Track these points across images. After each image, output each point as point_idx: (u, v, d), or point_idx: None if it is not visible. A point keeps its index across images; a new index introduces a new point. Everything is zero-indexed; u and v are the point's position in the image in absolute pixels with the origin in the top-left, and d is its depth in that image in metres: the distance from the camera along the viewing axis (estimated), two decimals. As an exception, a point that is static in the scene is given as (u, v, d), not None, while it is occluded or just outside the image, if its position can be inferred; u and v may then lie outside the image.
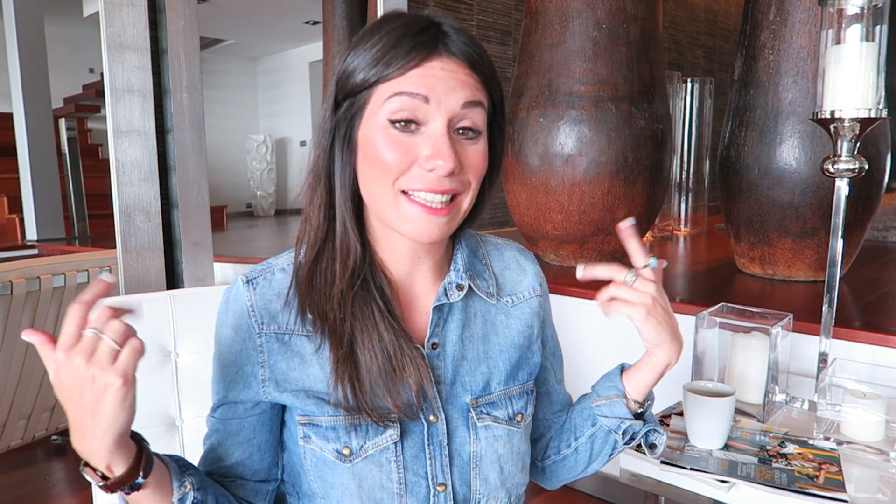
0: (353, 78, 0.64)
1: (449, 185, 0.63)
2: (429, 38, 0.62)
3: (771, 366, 1.19)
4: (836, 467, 1.00)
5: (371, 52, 0.62)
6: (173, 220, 1.65)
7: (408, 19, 0.64)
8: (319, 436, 0.67)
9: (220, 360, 0.70)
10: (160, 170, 1.55)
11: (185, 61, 1.62)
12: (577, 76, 2.20)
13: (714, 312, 1.29)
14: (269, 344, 0.67)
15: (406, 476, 0.67)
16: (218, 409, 0.71)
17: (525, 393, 0.76)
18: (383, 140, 0.62)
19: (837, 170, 1.17)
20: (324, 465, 0.68)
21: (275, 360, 0.67)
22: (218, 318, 0.70)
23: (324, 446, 0.67)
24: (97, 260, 2.24)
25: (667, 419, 1.21)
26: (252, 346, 0.67)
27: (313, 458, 0.68)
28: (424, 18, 0.64)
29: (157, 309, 0.96)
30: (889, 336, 1.43)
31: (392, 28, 0.63)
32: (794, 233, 1.98)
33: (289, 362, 0.67)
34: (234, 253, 3.41)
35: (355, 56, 0.64)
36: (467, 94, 0.63)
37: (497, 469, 0.72)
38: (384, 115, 0.62)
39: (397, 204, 0.63)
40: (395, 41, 0.62)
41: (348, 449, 0.66)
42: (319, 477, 0.69)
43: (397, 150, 0.62)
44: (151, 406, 0.94)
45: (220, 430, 0.71)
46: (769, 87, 1.98)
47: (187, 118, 1.63)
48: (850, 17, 1.13)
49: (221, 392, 0.70)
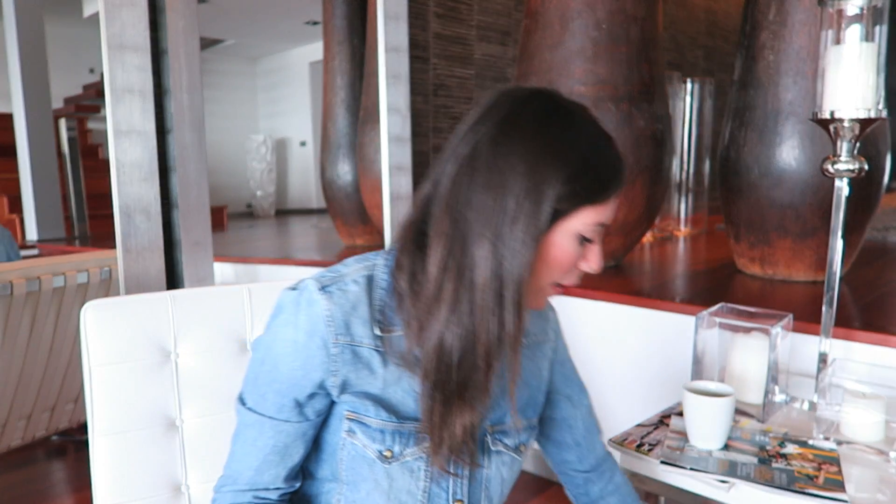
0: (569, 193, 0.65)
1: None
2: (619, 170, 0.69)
3: (771, 366, 1.19)
4: (835, 467, 1.00)
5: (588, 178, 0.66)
6: (173, 220, 1.65)
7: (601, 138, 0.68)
8: (366, 435, 0.71)
9: (281, 361, 0.70)
10: (160, 170, 1.55)
11: (185, 61, 1.61)
12: (577, 76, 2.20)
13: (714, 312, 1.29)
14: (343, 354, 0.69)
15: (431, 486, 0.73)
16: (270, 409, 0.71)
17: (530, 427, 0.83)
18: (569, 249, 0.68)
19: (837, 170, 1.17)
20: (361, 460, 0.72)
21: (347, 369, 0.69)
22: (282, 317, 0.70)
23: (368, 445, 0.71)
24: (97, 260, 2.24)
25: (667, 419, 1.21)
26: (326, 355, 0.68)
27: (352, 452, 0.72)
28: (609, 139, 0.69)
29: (157, 309, 0.96)
30: (889, 336, 1.43)
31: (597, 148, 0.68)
32: (794, 233, 1.98)
33: (358, 373, 0.70)
34: (234, 253, 3.41)
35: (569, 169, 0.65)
36: None
37: (499, 492, 0.79)
38: (578, 230, 0.67)
39: (544, 290, 0.71)
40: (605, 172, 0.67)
41: (390, 452, 0.71)
42: (352, 469, 0.72)
43: (574, 257, 0.69)
44: (151, 406, 0.94)
45: (282, 431, 0.72)
46: (769, 87, 1.98)
47: (187, 118, 1.63)
48: (849, 18, 1.13)
49: (273, 392, 0.71)
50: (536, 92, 0.69)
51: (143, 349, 0.93)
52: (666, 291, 2.02)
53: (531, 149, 0.65)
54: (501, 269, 0.65)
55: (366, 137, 3.13)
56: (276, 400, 0.71)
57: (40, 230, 4.31)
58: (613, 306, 1.91)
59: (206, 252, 1.70)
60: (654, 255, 2.96)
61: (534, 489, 1.99)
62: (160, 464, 0.93)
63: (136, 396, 0.92)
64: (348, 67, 3.48)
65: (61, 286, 2.09)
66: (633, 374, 1.87)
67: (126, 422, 0.91)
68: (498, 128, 0.66)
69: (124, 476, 0.90)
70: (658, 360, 1.83)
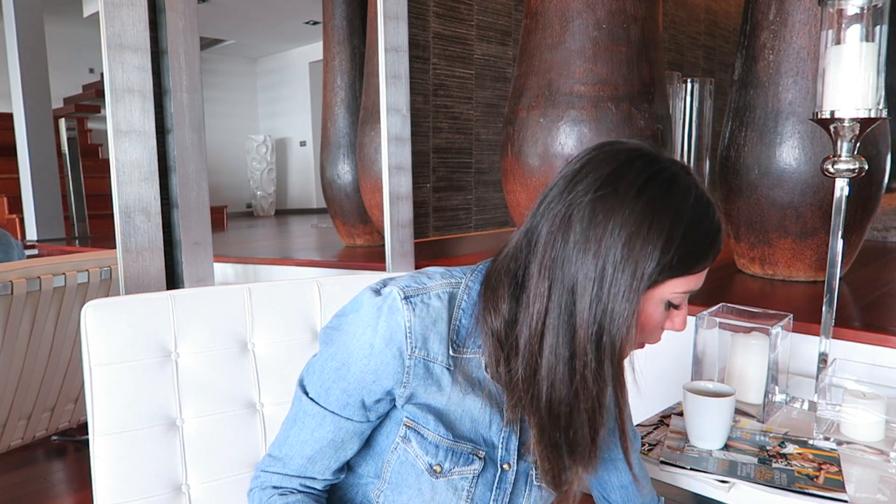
0: (664, 264, 0.65)
1: None
2: (714, 248, 0.69)
3: (771, 366, 1.19)
4: (835, 467, 1.00)
5: (682, 252, 0.66)
6: (173, 220, 1.65)
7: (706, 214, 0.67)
8: (420, 446, 0.72)
9: (354, 362, 0.70)
10: (160, 170, 1.55)
11: (185, 61, 1.61)
12: (577, 76, 2.20)
13: (714, 312, 1.29)
14: (416, 368, 0.69)
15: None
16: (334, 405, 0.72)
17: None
18: (656, 315, 0.70)
19: (837, 170, 1.17)
20: (409, 467, 0.73)
21: (417, 383, 0.70)
22: (362, 319, 0.70)
23: (420, 455, 0.72)
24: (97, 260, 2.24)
25: (667, 419, 1.21)
26: (400, 365, 0.69)
27: (403, 457, 0.73)
28: (711, 212, 0.68)
29: (157, 309, 0.96)
30: (889, 336, 1.43)
31: (700, 225, 0.67)
32: (794, 233, 1.98)
33: (427, 388, 0.70)
34: (234, 253, 3.41)
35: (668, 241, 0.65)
36: None
37: None
38: (667, 297, 0.69)
39: (632, 346, 0.70)
40: (700, 248, 0.67)
41: (440, 467, 0.72)
42: (399, 473, 0.74)
43: (660, 320, 0.71)
44: (151, 406, 0.94)
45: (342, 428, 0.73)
46: (769, 87, 1.98)
47: (187, 118, 1.63)
48: (850, 18, 1.13)
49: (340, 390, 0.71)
50: (636, 152, 0.68)
51: (143, 349, 0.93)
52: (666, 291, 2.02)
53: (630, 217, 0.64)
54: (601, 335, 0.65)
55: (366, 137, 3.13)
56: (341, 398, 0.71)
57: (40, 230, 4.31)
58: (613, 306, 1.91)
59: (206, 252, 1.70)
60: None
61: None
62: (160, 464, 0.93)
63: (136, 396, 0.92)
64: (348, 67, 3.48)
65: (61, 286, 2.09)
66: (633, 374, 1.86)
67: (126, 422, 0.91)
68: (596, 190, 0.65)
69: (125, 476, 0.90)
70: (658, 360, 1.83)
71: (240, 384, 1.01)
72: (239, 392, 1.01)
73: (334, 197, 3.50)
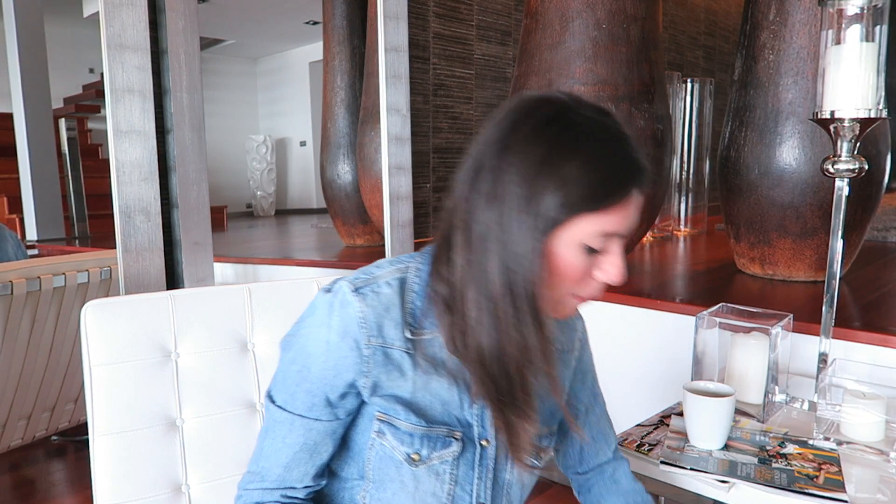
0: (563, 201, 0.63)
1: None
2: (628, 175, 0.65)
3: (771, 366, 1.19)
4: (835, 467, 1.00)
5: (582, 184, 0.63)
6: (173, 220, 1.65)
7: (606, 138, 0.65)
8: (395, 437, 0.72)
9: (313, 361, 0.70)
10: (160, 170, 1.55)
11: (185, 61, 1.62)
12: (577, 76, 2.20)
13: (714, 312, 1.29)
14: (375, 356, 0.69)
15: (455, 490, 0.74)
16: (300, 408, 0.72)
17: (551, 434, 0.84)
18: (574, 260, 0.66)
19: (837, 170, 1.17)
20: (388, 461, 0.72)
21: (378, 371, 0.70)
22: (315, 318, 0.71)
23: (396, 447, 0.72)
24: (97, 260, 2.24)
25: (667, 419, 1.21)
26: (358, 356, 0.69)
27: (380, 452, 0.73)
28: (618, 136, 0.65)
29: (157, 309, 0.96)
30: (889, 336, 1.43)
31: (596, 154, 0.64)
32: (794, 233, 1.98)
33: (389, 374, 0.70)
34: (234, 253, 3.41)
35: (564, 175, 0.63)
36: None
37: (519, 496, 0.82)
38: (582, 239, 0.65)
39: (564, 299, 0.69)
40: (603, 177, 0.63)
41: (418, 455, 0.72)
42: (380, 468, 0.73)
43: (584, 268, 0.67)
44: (151, 406, 0.94)
45: (312, 430, 0.72)
46: (769, 87, 1.98)
47: (187, 118, 1.63)
48: (850, 18, 1.13)
49: (304, 392, 0.71)
50: (544, 98, 0.66)
51: (143, 349, 0.93)
52: (666, 291, 2.02)
53: (527, 158, 0.63)
54: (512, 282, 0.65)
55: (366, 137, 3.13)
56: (307, 399, 0.71)
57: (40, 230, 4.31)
58: (613, 306, 1.91)
59: (206, 252, 1.70)
60: (654, 255, 2.96)
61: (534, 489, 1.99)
62: (160, 464, 0.93)
63: (136, 396, 0.92)
64: (348, 67, 3.48)
65: (61, 286, 2.09)
66: (633, 374, 1.87)
67: (126, 422, 0.91)
68: (500, 139, 0.65)
69: (125, 476, 0.90)
70: (658, 360, 1.83)
71: (240, 384, 1.01)
72: (239, 392, 1.01)
73: (334, 197, 3.50)
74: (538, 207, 0.63)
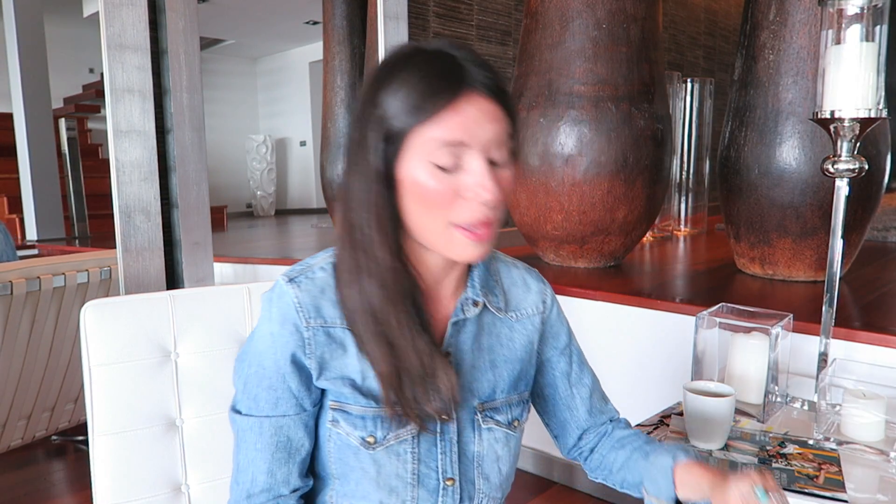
0: (389, 122, 0.66)
1: (491, 213, 0.67)
2: (453, 77, 0.65)
3: (771, 366, 1.19)
4: (836, 467, 1.00)
5: (401, 97, 0.65)
6: (173, 220, 1.65)
7: (427, 56, 0.66)
8: (348, 422, 0.72)
9: (264, 356, 0.72)
10: (160, 170, 1.55)
11: (185, 61, 1.61)
12: (577, 76, 2.20)
13: (714, 312, 1.29)
14: (317, 336, 0.71)
15: (419, 468, 0.73)
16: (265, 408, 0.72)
17: (522, 402, 0.82)
18: (430, 180, 0.65)
19: (837, 170, 1.17)
20: (347, 449, 0.72)
21: (321, 351, 0.71)
22: (261, 317, 0.73)
23: (350, 432, 0.72)
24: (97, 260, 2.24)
25: (667, 419, 1.21)
26: (300, 339, 0.70)
27: (338, 442, 0.73)
28: (441, 54, 0.67)
29: (157, 309, 0.96)
30: (889, 336, 1.43)
31: (415, 69, 0.65)
32: (794, 233, 1.98)
33: (332, 352, 0.71)
34: (234, 253, 3.41)
35: (385, 98, 0.66)
36: (497, 128, 0.66)
37: (496, 469, 0.78)
38: (426, 158, 0.65)
39: (448, 233, 0.68)
40: (424, 85, 0.64)
41: (373, 438, 0.71)
42: (340, 459, 0.73)
43: (444, 190, 0.65)
44: (151, 406, 0.94)
45: (282, 427, 0.72)
46: (769, 87, 1.98)
47: (187, 118, 1.63)
48: (850, 17, 1.13)
49: (265, 389, 0.72)
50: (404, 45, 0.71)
51: (143, 349, 0.93)
52: (666, 291, 2.02)
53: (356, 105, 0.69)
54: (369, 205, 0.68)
55: (366, 137, 3.13)
56: (269, 396, 0.72)
57: (40, 230, 4.31)
58: (613, 306, 1.91)
59: (206, 252, 1.70)
60: (654, 255, 2.96)
61: (534, 489, 1.99)
62: (160, 464, 0.93)
63: (136, 396, 0.92)
64: (348, 67, 3.48)
65: (61, 286, 2.09)
66: (633, 374, 1.87)
67: (126, 422, 0.91)
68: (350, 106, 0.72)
69: (124, 476, 0.91)
70: (658, 361, 1.83)
71: (240, 384, 1.01)
72: (239, 392, 1.00)
73: (334, 197, 3.50)
74: (368, 142, 0.66)
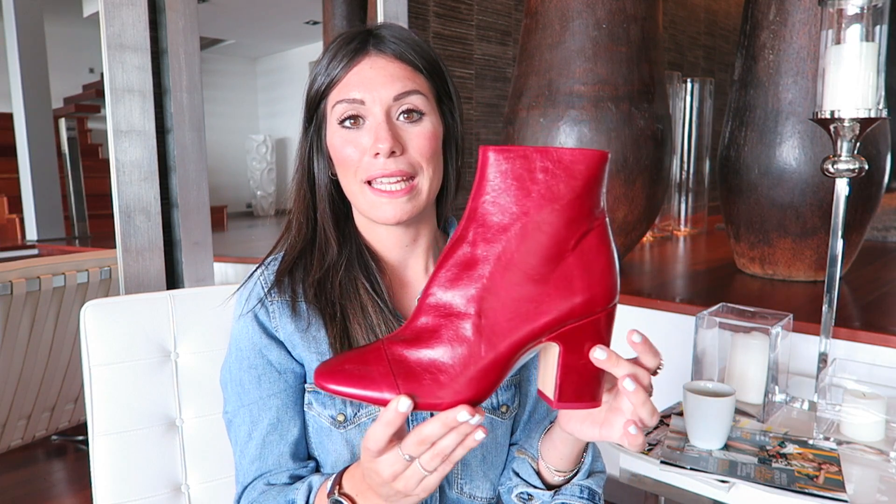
0: (311, 94, 0.73)
1: (396, 166, 0.69)
2: (358, 44, 0.71)
3: (771, 366, 1.19)
4: (835, 467, 1.00)
5: (318, 69, 0.72)
6: (173, 220, 1.65)
7: (346, 34, 0.73)
8: (319, 402, 0.73)
9: (241, 339, 0.74)
10: (160, 170, 1.55)
11: (185, 61, 1.61)
12: (577, 76, 2.20)
13: (714, 312, 1.29)
14: (282, 309, 0.73)
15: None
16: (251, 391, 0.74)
17: (512, 385, 0.78)
18: (339, 140, 0.71)
19: (837, 170, 1.17)
20: (321, 432, 0.73)
21: (285, 322, 0.72)
22: (234, 310, 0.77)
23: (321, 412, 0.73)
24: (97, 260, 2.24)
25: (667, 419, 1.21)
26: (266, 313, 0.73)
27: (314, 425, 0.74)
28: (358, 29, 0.73)
29: (157, 309, 0.96)
30: (889, 336, 1.43)
31: (333, 45, 0.73)
32: (794, 233, 1.98)
33: (297, 325, 0.72)
34: (234, 253, 3.41)
35: (311, 75, 0.74)
36: (398, 86, 0.70)
37: (479, 456, 0.76)
38: (335, 120, 0.71)
39: (363, 194, 0.71)
40: (333, 55, 0.71)
41: (343, 416, 0.72)
42: (318, 444, 0.74)
43: (349, 145, 0.70)
44: (151, 406, 0.94)
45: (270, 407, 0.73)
46: (769, 87, 1.98)
47: (187, 118, 1.63)
48: (850, 17, 1.13)
49: (247, 370, 0.73)
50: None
51: (142, 349, 0.93)
52: (666, 291, 2.02)
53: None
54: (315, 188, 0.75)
55: (366, 137, 3.13)
56: (251, 376, 0.73)
57: (40, 230, 4.31)
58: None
59: (206, 252, 1.70)
60: (654, 254, 2.96)
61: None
62: (160, 464, 0.93)
63: (136, 396, 0.92)
64: (348, 67, 3.47)
65: (61, 286, 2.09)
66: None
67: (126, 422, 0.91)
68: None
69: (124, 476, 0.90)
70: (658, 360, 1.82)
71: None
72: (239, 392, 1.00)
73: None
74: (309, 112, 0.74)
